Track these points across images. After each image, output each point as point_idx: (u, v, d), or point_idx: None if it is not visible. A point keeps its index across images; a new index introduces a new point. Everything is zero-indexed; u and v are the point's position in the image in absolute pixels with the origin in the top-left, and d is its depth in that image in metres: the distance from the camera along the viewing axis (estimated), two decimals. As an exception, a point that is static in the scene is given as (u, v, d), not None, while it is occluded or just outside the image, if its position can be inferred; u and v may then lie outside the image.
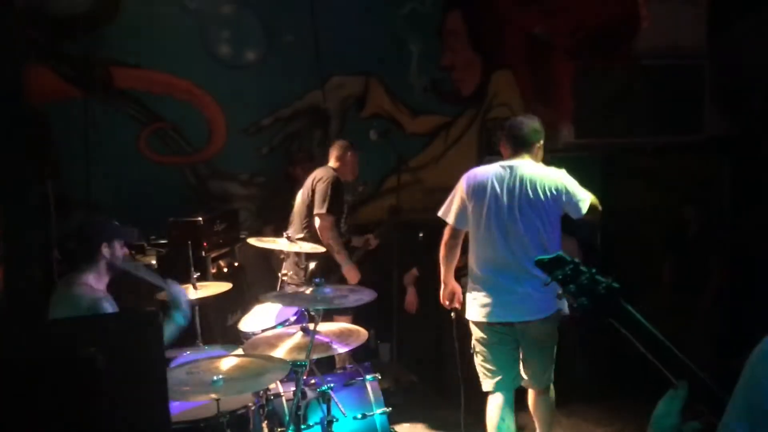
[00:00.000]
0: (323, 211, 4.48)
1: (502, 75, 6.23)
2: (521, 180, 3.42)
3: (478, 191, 3.48)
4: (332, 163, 4.75)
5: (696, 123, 6.01)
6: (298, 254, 4.51)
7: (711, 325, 5.06)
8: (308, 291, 3.15)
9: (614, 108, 5.82)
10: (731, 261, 5.57)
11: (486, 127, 6.27)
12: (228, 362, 2.83)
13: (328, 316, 3.94)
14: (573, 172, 3.87)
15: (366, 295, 3.16)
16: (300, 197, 4.71)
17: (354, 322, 4.10)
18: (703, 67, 6.01)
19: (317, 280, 3.17)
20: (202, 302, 3.78)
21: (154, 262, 4.64)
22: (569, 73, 5.77)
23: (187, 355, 3.49)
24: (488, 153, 6.28)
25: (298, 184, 5.47)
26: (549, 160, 4.46)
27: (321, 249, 4.26)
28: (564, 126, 5.77)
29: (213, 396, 2.63)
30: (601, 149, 5.78)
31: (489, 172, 3.51)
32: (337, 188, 4.56)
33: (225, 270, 4.88)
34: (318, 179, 4.59)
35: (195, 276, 3.70)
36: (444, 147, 6.21)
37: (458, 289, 3.73)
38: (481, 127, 6.29)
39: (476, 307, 3.52)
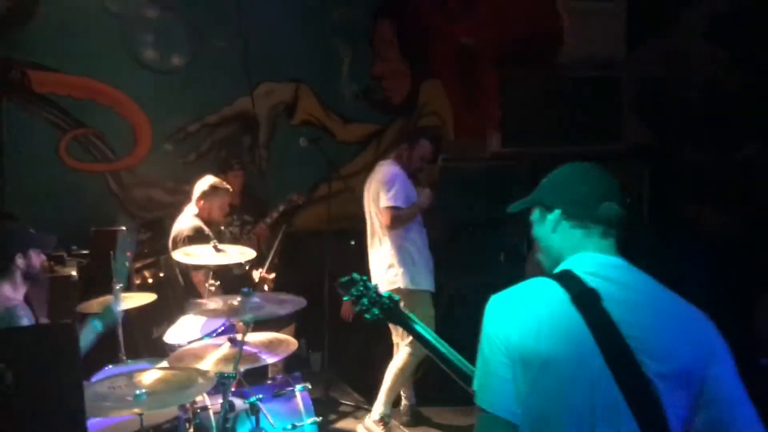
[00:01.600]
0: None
1: (431, 84, 6.30)
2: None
3: None
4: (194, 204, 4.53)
5: (617, 132, 6.22)
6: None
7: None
8: (236, 301, 3.09)
9: (540, 117, 5.96)
10: (649, 263, 5.77)
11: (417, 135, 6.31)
12: (152, 375, 2.74)
13: (268, 326, 3.85)
14: (501, 179, 3.94)
15: (296, 303, 3.13)
16: None
17: (285, 332, 4.05)
18: (621, 79, 6.23)
19: (245, 289, 3.12)
20: (125, 314, 3.66)
21: (74, 273, 4.47)
22: (496, 83, 5.89)
23: (109, 369, 3.37)
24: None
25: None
26: (478, 168, 4.58)
27: (249, 257, 4.17)
28: (491, 135, 5.88)
29: (135, 411, 2.54)
30: (527, 158, 5.91)
31: None
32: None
33: (150, 281, 4.75)
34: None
35: (118, 287, 3.58)
36: (375, 155, 6.22)
37: None
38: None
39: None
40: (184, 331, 3.81)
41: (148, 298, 3.79)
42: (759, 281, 5.75)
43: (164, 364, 3.19)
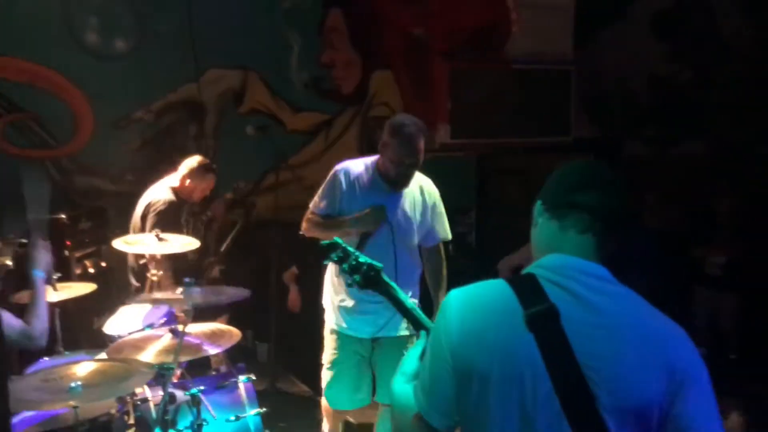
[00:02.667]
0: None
1: (381, 74, 6.29)
2: None
3: None
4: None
5: (563, 126, 6.33)
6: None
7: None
8: (178, 291, 3.04)
9: (488, 110, 6.01)
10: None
11: (367, 125, 6.30)
12: (88, 367, 2.68)
13: (204, 317, 3.80)
14: (449, 171, 3.96)
15: (238, 293, 3.09)
16: None
17: (230, 322, 4.00)
18: (569, 73, 6.33)
19: (187, 279, 3.06)
20: (64, 304, 3.56)
21: (9, 262, 4.31)
22: (446, 75, 5.91)
23: (45, 361, 3.28)
24: (369, 151, 6.32)
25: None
26: (426, 159, 4.55)
27: (193, 247, 4.10)
28: (441, 126, 5.91)
29: (71, 404, 2.48)
30: (476, 149, 5.96)
31: None
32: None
33: (91, 270, 4.63)
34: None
35: (56, 277, 3.47)
36: (325, 145, 6.18)
37: None
38: (362, 126, 6.32)
39: None
40: (125, 321, 3.72)
41: (88, 288, 3.69)
42: (696, 273, 5.94)
43: (103, 355, 3.11)
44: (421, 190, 3.39)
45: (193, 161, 4.45)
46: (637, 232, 5.60)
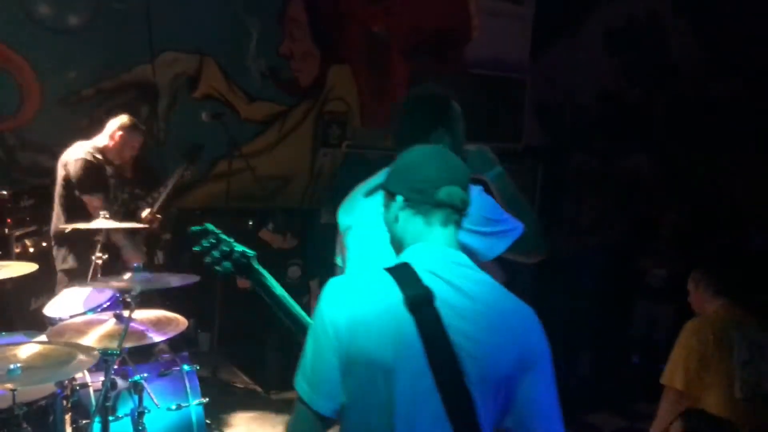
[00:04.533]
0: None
1: (340, 69, 6.27)
2: None
3: None
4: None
5: (516, 132, 6.44)
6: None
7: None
8: (126, 275, 2.98)
9: (444, 111, 6.07)
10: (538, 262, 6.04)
11: (323, 119, 6.29)
12: (28, 350, 2.60)
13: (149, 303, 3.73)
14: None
15: (187, 279, 3.05)
16: None
17: (173, 310, 3.94)
18: (525, 82, 6.45)
19: (136, 265, 3.01)
20: (2, 284, 3.44)
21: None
22: (405, 75, 5.95)
23: (-19, 341, 3.16)
24: (323, 146, 6.31)
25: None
26: (382, 156, 4.58)
27: (139, 225, 4.04)
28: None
29: (8, 386, 2.40)
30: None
31: None
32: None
33: (31, 250, 4.48)
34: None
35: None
36: (279, 136, 6.14)
37: None
38: (317, 120, 6.30)
39: None
40: (66, 304, 3.62)
41: (28, 268, 3.57)
42: (638, 284, 6.14)
43: (42, 338, 3.03)
44: None
45: (121, 118, 4.45)
46: (579, 243, 5.77)
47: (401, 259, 1.60)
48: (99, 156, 4.33)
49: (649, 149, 7.13)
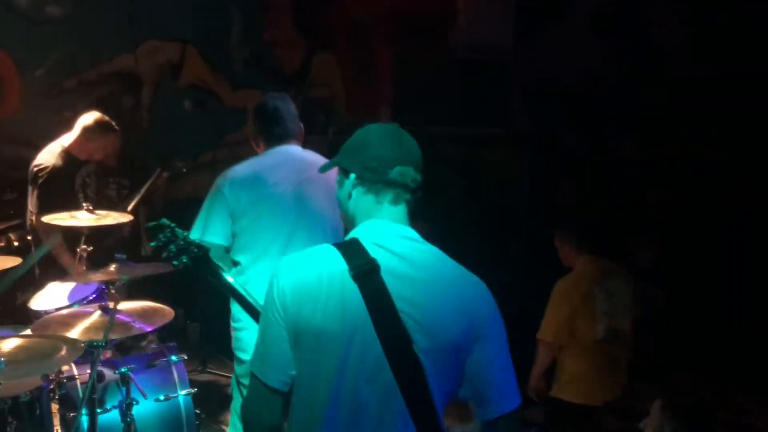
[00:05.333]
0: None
1: (324, 56, 6.23)
2: None
3: None
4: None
5: (503, 117, 6.43)
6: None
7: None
8: (111, 267, 2.96)
9: (431, 97, 6.05)
10: (527, 244, 6.09)
11: (308, 106, 6.25)
12: (12, 343, 2.57)
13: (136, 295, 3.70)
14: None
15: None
16: None
17: (158, 301, 3.91)
18: (510, 65, 6.43)
19: (119, 256, 2.98)
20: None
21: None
22: (390, 60, 5.91)
23: (-35, 336, 3.13)
24: (309, 133, 6.28)
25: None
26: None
27: (125, 219, 3.96)
28: (382, 111, 5.91)
29: (-7, 380, 2.38)
30: (416, 136, 5.97)
31: None
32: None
33: (15, 243, 4.44)
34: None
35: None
36: (264, 124, 6.09)
37: None
38: (303, 107, 6.25)
39: None
40: (52, 297, 3.60)
41: (12, 261, 3.54)
42: (626, 265, 6.16)
43: (28, 331, 3.00)
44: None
45: (89, 118, 4.18)
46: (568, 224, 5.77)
47: (350, 236, 1.62)
48: (61, 162, 4.10)
49: (635, 131, 7.13)
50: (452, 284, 1.56)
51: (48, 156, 4.12)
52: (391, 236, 1.58)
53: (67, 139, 4.22)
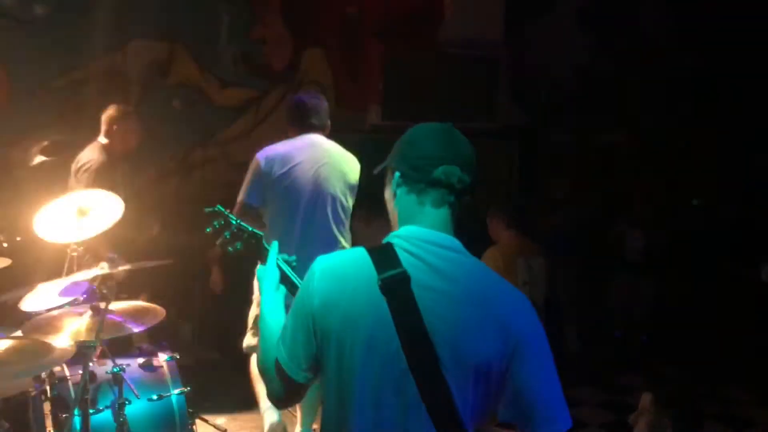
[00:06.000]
0: None
1: (313, 52, 6.21)
2: None
3: None
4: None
5: (492, 112, 6.44)
6: None
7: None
8: (100, 266, 2.95)
9: (420, 92, 6.05)
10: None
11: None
12: (3, 345, 2.57)
13: (124, 293, 3.69)
14: (379, 152, 3.97)
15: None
16: None
17: (152, 300, 3.90)
18: (499, 60, 6.43)
19: (111, 255, 2.98)
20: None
21: None
22: (379, 56, 5.90)
23: (-45, 338, 3.12)
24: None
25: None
26: (357, 140, 4.55)
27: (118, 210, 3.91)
28: (372, 107, 5.91)
29: (-17, 383, 2.38)
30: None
31: None
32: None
33: (4, 245, 4.41)
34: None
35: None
36: (254, 122, 6.08)
37: None
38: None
39: None
40: (42, 298, 3.58)
41: (2, 263, 3.53)
42: (616, 259, 6.20)
43: (18, 333, 2.99)
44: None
45: (109, 110, 4.41)
46: (558, 218, 5.80)
47: (387, 240, 1.56)
48: (104, 158, 4.28)
49: (624, 123, 7.17)
50: (488, 300, 1.48)
51: (91, 153, 4.28)
52: (427, 245, 1.51)
53: (100, 139, 4.38)
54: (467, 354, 1.43)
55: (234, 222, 2.06)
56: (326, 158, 3.54)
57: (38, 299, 3.56)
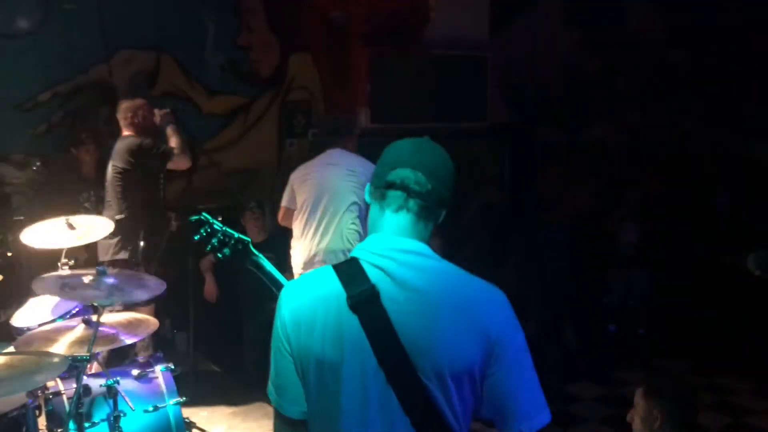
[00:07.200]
0: None
1: (300, 57, 6.20)
2: None
3: None
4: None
5: (480, 111, 6.44)
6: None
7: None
8: (87, 280, 2.92)
9: (408, 94, 6.05)
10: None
11: (286, 109, 6.22)
12: (-5, 361, 2.55)
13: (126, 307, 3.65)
14: (369, 156, 3.98)
15: (155, 287, 2.99)
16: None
17: (146, 312, 3.89)
18: (486, 59, 6.43)
19: (100, 268, 2.96)
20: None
21: None
22: (366, 59, 5.90)
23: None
24: (289, 136, 6.26)
25: (84, 166, 5.09)
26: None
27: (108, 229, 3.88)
28: (360, 110, 5.90)
29: (-24, 400, 2.36)
30: (395, 134, 5.97)
31: None
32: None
33: (-2, 260, 4.39)
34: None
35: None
36: (243, 129, 6.07)
37: None
38: (281, 110, 6.24)
39: None
40: (34, 313, 3.56)
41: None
42: (609, 253, 6.21)
43: (11, 349, 2.97)
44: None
45: (122, 104, 4.63)
46: (550, 216, 5.81)
47: (352, 254, 1.53)
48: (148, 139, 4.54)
49: (611, 119, 7.19)
50: (461, 304, 1.44)
51: (131, 138, 4.51)
52: (391, 251, 1.47)
53: (126, 132, 4.56)
54: (447, 362, 1.41)
55: (219, 228, 2.11)
56: (332, 160, 4.19)
57: (30, 314, 3.56)
